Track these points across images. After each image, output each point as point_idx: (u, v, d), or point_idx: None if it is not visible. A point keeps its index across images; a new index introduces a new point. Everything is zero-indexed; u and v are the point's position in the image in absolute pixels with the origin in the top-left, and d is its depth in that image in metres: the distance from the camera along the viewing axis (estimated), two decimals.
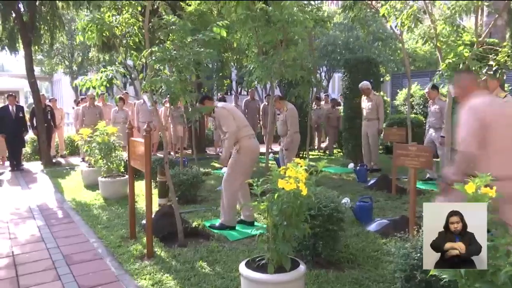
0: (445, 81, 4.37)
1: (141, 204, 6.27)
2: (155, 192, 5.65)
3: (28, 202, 6.93)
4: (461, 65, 4.27)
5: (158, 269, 4.06)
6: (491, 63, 4.13)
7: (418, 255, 2.90)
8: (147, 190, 4.40)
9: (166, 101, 9.67)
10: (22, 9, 10.67)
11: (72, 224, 5.69)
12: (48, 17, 11.30)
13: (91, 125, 8.63)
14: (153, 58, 4.44)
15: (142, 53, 4.63)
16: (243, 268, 3.13)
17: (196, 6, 8.21)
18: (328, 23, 8.15)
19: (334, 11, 17.98)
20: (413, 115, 10.44)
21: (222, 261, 4.22)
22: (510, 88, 10.21)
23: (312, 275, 3.79)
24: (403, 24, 5.04)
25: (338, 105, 12.60)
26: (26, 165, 10.79)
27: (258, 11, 6.32)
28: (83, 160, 10.69)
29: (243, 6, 6.40)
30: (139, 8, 5.15)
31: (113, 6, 5.37)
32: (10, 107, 10.06)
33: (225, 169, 5.70)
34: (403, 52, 7.17)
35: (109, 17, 4.88)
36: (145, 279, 3.85)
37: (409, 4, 4.89)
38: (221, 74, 11.23)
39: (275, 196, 2.94)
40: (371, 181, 7.51)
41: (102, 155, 7.16)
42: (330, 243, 3.95)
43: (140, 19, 5.03)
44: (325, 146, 12.86)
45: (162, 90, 4.56)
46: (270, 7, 6.28)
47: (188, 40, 4.63)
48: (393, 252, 3.26)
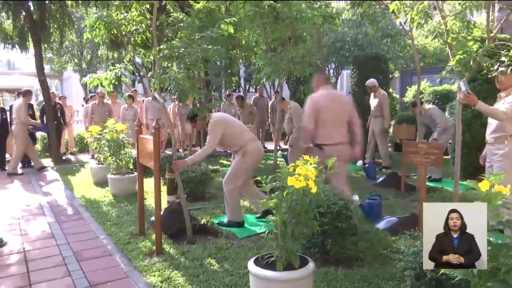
0: (455, 77, 4.31)
1: (150, 201, 6.29)
2: (163, 189, 5.66)
3: (38, 199, 6.99)
4: (471, 61, 4.22)
5: (167, 265, 4.07)
6: (503, 59, 4.07)
7: None
8: (156, 187, 4.41)
9: (175, 98, 9.70)
10: (32, 7, 10.73)
11: (81, 221, 5.73)
12: (58, 15, 11.35)
13: (100, 122, 8.67)
14: (161, 55, 4.45)
15: (151, 51, 4.63)
16: (251, 266, 3.12)
17: (204, 3, 8.21)
18: (336, 19, 8.12)
19: (342, 7, 17.86)
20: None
21: (231, 258, 4.22)
22: None
23: (321, 272, 3.78)
24: (412, 20, 4.99)
25: None
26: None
27: (266, 8, 6.31)
28: (93, 157, 10.76)
29: (251, 3, 6.38)
30: (147, 6, 5.16)
31: (122, 4, 5.39)
32: None
33: None
34: (413, 48, 7.12)
35: (117, 15, 4.89)
36: (154, 275, 3.87)
37: (420, 0, 4.84)
38: (229, 71, 11.22)
39: (284, 194, 2.93)
40: (380, 179, 7.47)
41: (111, 152, 7.19)
42: (339, 240, 3.94)
43: (148, 17, 5.03)
44: None
45: (171, 87, 4.56)
46: (279, 4, 6.26)
47: (196, 37, 4.63)
48: (402, 250, 3.24)
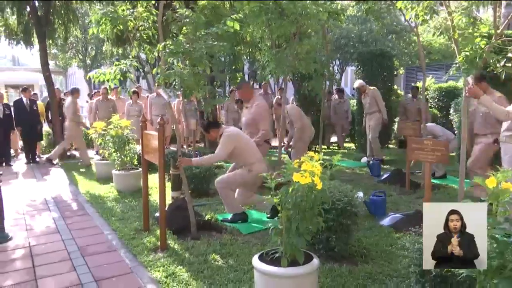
0: (462, 74, 4.29)
1: (154, 197, 6.31)
2: (168, 185, 5.67)
3: (43, 194, 7.02)
4: (477, 58, 4.19)
5: (171, 261, 4.08)
6: (509, 55, 4.04)
7: None
8: (160, 183, 4.42)
9: (179, 94, 9.69)
10: (36, 3, 10.75)
11: (86, 216, 5.75)
12: (62, 11, 11.37)
13: (104, 118, 8.69)
14: (167, 51, 4.44)
15: (156, 47, 4.63)
16: (256, 261, 3.13)
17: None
18: (341, 15, 8.07)
19: (347, 3, 17.79)
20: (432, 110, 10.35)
21: (235, 254, 4.22)
22: None
23: (325, 269, 3.78)
24: (417, 16, 4.96)
25: (341, 96, 11.80)
26: (43, 158, 10.93)
27: (271, 4, 6.29)
28: (97, 153, 10.78)
29: None
30: (152, 2, 5.15)
31: (127, 1, 5.39)
32: (25, 100, 10.16)
33: None
34: (418, 45, 7.08)
35: (123, 10, 4.88)
36: (158, 271, 3.88)
37: None
38: (234, 67, 11.21)
39: (290, 190, 2.93)
40: (385, 175, 7.46)
41: (116, 148, 7.21)
42: (343, 237, 3.94)
43: (154, 13, 5.03)
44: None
45: (176, 84, 4.56)
46: (284, 0, 6.24)
47: (202, 33, 4.62)
48: (407, 246, 3.24)
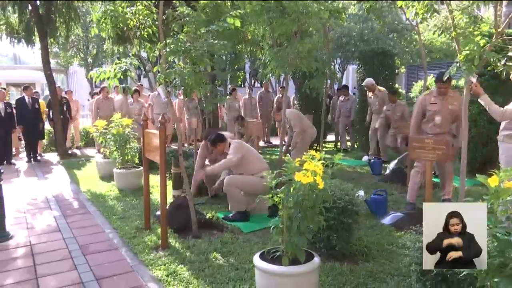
0: (462, 73, 4.28)
1: (155, 196, 6.31)
2: (169, 184, 5.67)
3: (44, 193, 7.03)
4: (478, 57, 4.18)
5: (172, 259, 4.09)
6: (510, 54, 4.03)
7: None
8: (161, 181, 4.42)
9: (179, 93, 9.69)
10: (38, 2, 10.75)
11: (87, 215, 5.75)
12: (64, 10, 11.35)
13: (105, 117, 8.69)
14: (167, 50, 4.44)
15: (156, 45, 4.62)
16: (257, 260, 3.13)
17: None
18: (343, 14, 8.06)
19: (349, 2, 17.78)
20: None
21: (236, 252, 4.23)
22: None
23: (326, 267, 3.78)
24: (417, 14, 4.95)
25: (347, 93, 11.26)
26: (44, 156, 10.97)
27: (273, 2, 6.28)
28: (99, 151, 10.80)
29: None
30: (152, 0, 5.14)
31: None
32: (27, 98, 10.16)
33: None
34: (420, 43, 7.08)
35: (123, 8, 4.88)
36: (159, 269, 3.89)
37: None
38: (235, 66, 11.20)
39: (291, 189, 2.92)
40: (386, 174, 7.45)
41: (117, 146, 7.22)
42: (344, 235, 3.94)
43: (154, 11, 5.02)
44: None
45: (177, 82, 4.56)
46: None
47: (202, 31, 4.61)
48: (408, 245, 3.23)
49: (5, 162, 9.75)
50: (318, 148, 9.72)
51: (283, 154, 7.66)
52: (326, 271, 3.72)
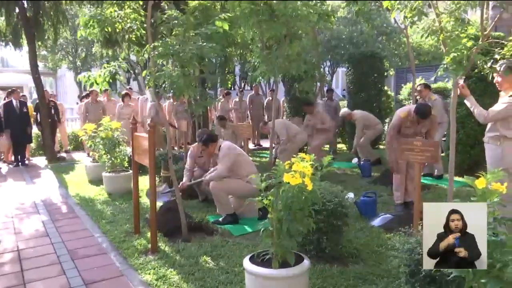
0: (449, 75, 4.33)
1: (145, 199, 6.28)
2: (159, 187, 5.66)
3: (32, 197, 6.96)
4: (465, 59, 4.22)
5: (162, 263, 4.07)
6: (496, 56, 4.08)
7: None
8: (151, 185, 4.40)
9: (169, 96, 9.67)
10: (25, 4, 10.66)
11: (76, 219, 5.70)
12: (52, 13, 11.27)
13: (95, 120, 8.64)
14: (156, 53, 4.43)
15: (145, 48, 4.61)
16: (247, 263, 3.12)
17: (200, 1, 8.16)
18: (332, 17, 8.10)
19: (338, 5, 17.86)
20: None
21: (226, 256, 4.22)
22: None
23: (316, 270, 3.79)
24: (406, 18, 4.99)
25: (331, 97, 11.03)
26: (32, 160, 10.86)
27: (262, 5, 6.29)
28: (88, 155, 10.72)
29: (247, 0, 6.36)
30: (140, 3, 5.12)
31: (115, 2, 5.35)
32: (14, 102, 10.06)
33: None
34: (408, 46, 7.13)
35: (111, 12, 4.86)
36: (149, 273, 3.86)
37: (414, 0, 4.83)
38: (226, 70, 11.22)
39: (280, 191, 2.92)
40: (375, 176, 7.49)
41: (106, 150, 7.17)
42: (334, 238, 3.95)
43: (142, 14, 5.01)
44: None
45: (166, 85, 4.54)
46: (274, 2, 6.25)
47: (191, 34, 4.61)
48: (397, 247, 3.25)
49: None
50: (307, 150, 9.74)
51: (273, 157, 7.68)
52: (316, 273, 3.73)
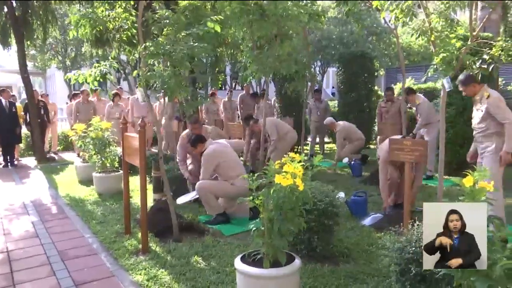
0: (439, 75, 4.37)
1: (135, 200, 6.25)
2: (149, 188, 5.63)
3: (22, 198, 6.90)
4: (455, 59, 4.27)
5: (153, 264, 4.06)
6: (484, 57, 4.13)
7: (413, 249, 2.91)
8: (141, 185, 4.38)
9: (160, 96, 9.63)
10: (14, 3, 10.56)
11: (66, 220, 5.67)
12: (41, 12, 11.16)
13: (85, 120, 8.58)
14: (147, 52, 4.41)
15: (136, 48, 4.59)
16: (238, 263, 3.13)
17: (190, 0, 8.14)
18: (322, 17, 8.13)
19: (328, 5, 17.93)
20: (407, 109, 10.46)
21: (217, 256, 4.22)
22: (503, 82, 10.27)
23: (307, 269, 3.80)
24: (397, 18, 5.03)
25: (319, 97, 10.93)
26: (22, 161, 10.76)
27: (253, 5, 6.29)
28: (78, 155, 10.64)
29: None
30: (132, 2, 5.10)
31: (106, 1, 5.32)
32: (4, 101, 9.95)
33: None
34: (398, 46, 7.18)
35: (102, 12, 4.83)
36: (140, 274, 3.85)
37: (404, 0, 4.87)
38: (217, 69, 11.17)
39: (271, 191, 2.93)
40: (366, 176, 7.53)
41: (96, 150, 7.13)
42: (325, 237, 3.96)
43: (134, 13, 4.98)
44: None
45: (157, 85, 4.53)
46: (265, 1, 6.26)
47: (182, 34, 4.60)
48: (387, 246, 3.27)
49: None
50: (299, 150, 9.77)
51: (264, 157, 7.68)
52: (307, 273, 3.74)
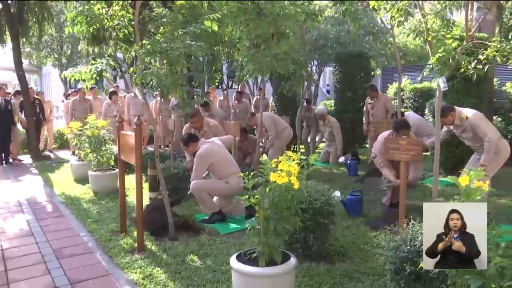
0: (435, 75, 4.38)
1: (131, 198, 6.23)
2: (145, 186, 5.63)
3: (17, 196, 6.87)
4: (450, 59, 4.28)
5: (148, 262, 4.05)
6: (480, 57, 4.14)
7: (408, 247, 2.92)
8: (137, 183, 4.38)
9: (157, 94, 9.62)
10: (9, 0, 10.51)
11: (61, 218, 5.65)
12: (36, 9, 11.13)
13: (81, 118, 8.56)
14: (144, 50, 4.40)
15: (132, 46, 4.58)
16: (234, 262, 3.13)
17: None
18: (319, 16, 8.13)
19: (325, 4, 17.92)
20: (403, 109, 10.50)
21: (213, 254, 4.22)
22: (499, 82, 10.30)
23: (303, 268, 3.81)
24: (393, 18, 5.04)
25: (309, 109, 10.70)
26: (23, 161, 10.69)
27: (250, 4, 6.29)
28: (73, 153, 10.61)
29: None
30: (129, 1, 5.08)
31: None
32: (0, 99, 9.91)
33: None
34: (394, 46, 7.19)
35: (99, 9, 4.81)
36: (135, 272, 3.85)
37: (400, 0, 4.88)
38: (214, 68, 11.16)
39: (267, 190, 2.94)
40: (362, 175, 7.54)
41: (92, 148, 7.11)
42: (320, 236, 3.97)
43: (131, 11, 4.97)
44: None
45: (153, 83, 4.52)
46: (262, 0, 6.26)
47: (179, 33, 4.59)
48: (383, 245, 3.28)
49: None
50: (295, 149, 9.77)
51: (260, 156, 7.69)
52: (302, 271, 3.75)
